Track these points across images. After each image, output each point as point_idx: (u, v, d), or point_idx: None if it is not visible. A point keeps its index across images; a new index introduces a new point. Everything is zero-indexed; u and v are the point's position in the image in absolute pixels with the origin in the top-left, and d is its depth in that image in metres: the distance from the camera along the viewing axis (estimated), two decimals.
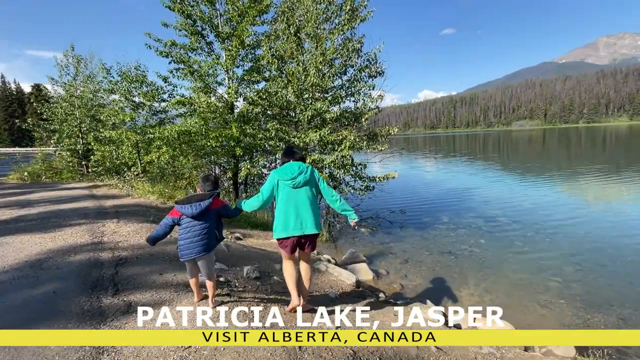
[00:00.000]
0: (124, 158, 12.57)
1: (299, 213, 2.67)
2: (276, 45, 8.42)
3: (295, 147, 2.99)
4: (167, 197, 8.14)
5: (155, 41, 9.24)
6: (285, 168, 2.77)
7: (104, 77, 12.76)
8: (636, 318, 4.29)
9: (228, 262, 4.20)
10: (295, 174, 2.70)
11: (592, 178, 15.41)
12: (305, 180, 2.70)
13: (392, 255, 6.73)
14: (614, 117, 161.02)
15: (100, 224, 5.18)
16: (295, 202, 2.69)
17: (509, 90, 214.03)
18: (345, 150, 7.41)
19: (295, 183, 2.69)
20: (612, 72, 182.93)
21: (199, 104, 9.48)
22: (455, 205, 11.10)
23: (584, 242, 7.12)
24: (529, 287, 5.23)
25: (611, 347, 3.39)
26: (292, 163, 2.80)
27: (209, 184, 2.89)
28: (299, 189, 2.70)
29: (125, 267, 3.41)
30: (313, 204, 2.72)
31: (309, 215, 2.68)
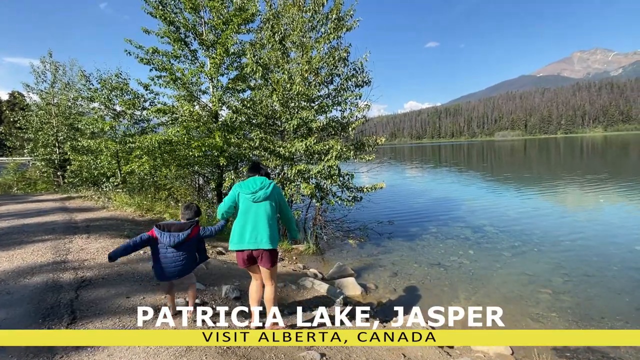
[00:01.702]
0: (103, 168, 12.08)
1: (256, 227, 2.68)
2: (261, 53, 8.27)
3: (262, 164, 3.08)
4: (146, 209, 7.74)
5: (136, 48, 8.96)
6: (248, 182, 2.82)
7: (83, 84, 12.34)
8: (629, 329, 4.20)
9: (206, 281, 3.91)
10: (257, 189, 2.75)
11: (573, 187, 15.76)
12: (265, 195, 2.74)
13: (381, 268, 6.52)
14: (590, 128, 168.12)
15: (67, 240, 4.78)
16: (254, 216, 2.71)
17: (491, 101, 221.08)
18: (332, 160, 7.24)
19: (255, 197, 2.73)
20: (586, 86, 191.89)
21: (181, 112, 9.19)
22: (443, 215, 11.05)
23: (570, 252, 7.11)
24: (519, 300, 5.10)
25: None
26: (256, 178, 2.85)
27: (189, 212, 2.88)
28: (258, 203, 2.73)
29: (87, 290, 3.08)
30: (271, 220, 2.73)
31: (265, 230, 2.67)
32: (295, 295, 4.21)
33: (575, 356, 3.53)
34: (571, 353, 3.59)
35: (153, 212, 7.63)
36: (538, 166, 28.38)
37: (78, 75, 13.04)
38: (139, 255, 4.30)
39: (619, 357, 3.57)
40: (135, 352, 2.06)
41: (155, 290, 3.28)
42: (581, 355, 3.54)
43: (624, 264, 6.29)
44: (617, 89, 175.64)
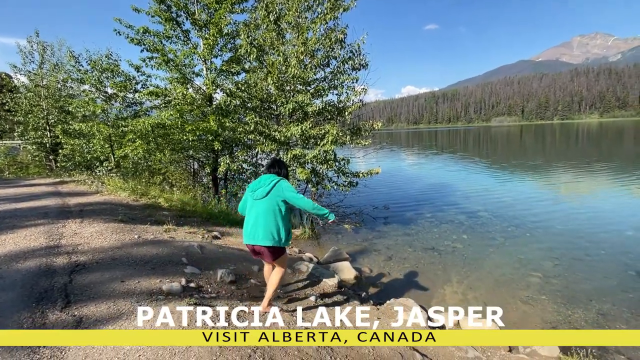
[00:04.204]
0: (96, 152, 11.90)
1: (255, 224, 2.80)
2: (256, 34, 8.04)
3: (279, 161, 3.07)
4: (140, 194, 7.67)
5: (126, 27, 8.65)
6: (255, 180, 2.95)
7: (72, 65, 11.97)
8: (615, 313, 4.32)
9: (201, 265, 3.91)
10: (256, 187, 2.85)
11: (567, 173, 15.89)
12: (263, 194, 2.80)
13: (375, 253, 6.60)
14: (586, 114, 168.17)
15: (61, 224, 4.74)
16: (254, 213, 2.83)
17: (489, 87, 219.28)
18: (328, 145, 7.17)
19: (254, 195, 2.85)
20: (584, 71, 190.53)
21: (174, 95, 8.99)
22: (438, 200, 11.13)
23: (561, 236, 7.23)
24: (510, 283, 5.21)
25: (594, 347, 3.36)
26: (265, 175, 2.93)
27: None
28: (258, 200, 2.82)
29: (81, 275, 3.07)
30: (268, 217, 2.77)
31: (262, 227, 2.76)
32: (291, 278, 4.25)
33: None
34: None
35: (147, 197, 7.57)
36: (533, 153, 28.50)
37: (67, 56, 12.62)
38: (133, 239, 4.28)
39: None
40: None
41: (150, 274, 3.28)
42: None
43: (613, 249, 6.42)
44: (615, 75, 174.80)
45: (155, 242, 4.32)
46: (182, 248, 4.28)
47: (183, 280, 3.28)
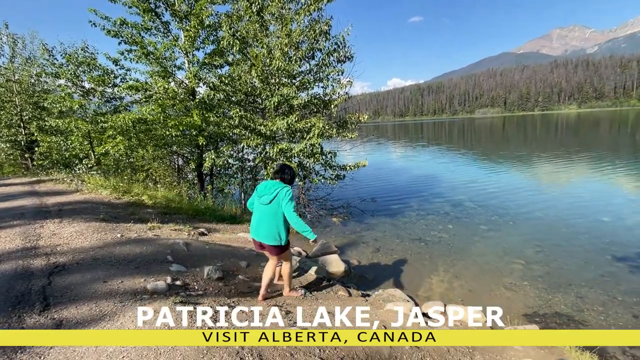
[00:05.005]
0: (75, 149, 11.47)
1: (259, 224, 3.15)
2: (238, 25, 7.85)
3: (282, 168, 3.25)
4: (122, 191, 7.45)
5: (102, 19, 8.29)
6: (263, 184, 3.23)
7: (46, 59, 11.44)
8: (592, 296, 4.51)
9: (187, 263, 3.84)
10: (263, 193, 3.15)
11: (548, 163, 16.38)
12: (267, 200, 3.10)
13: (363, 245, 6.65)
14: (565, 105, 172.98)
15: (38, 224, 4.56)
16: (259, 214, 3.17)
17: (472, 79, 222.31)
18: (315, 138, 7.13)
19: (260, 200, 3.16)
20: (563, 63, 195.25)
21: (156, 89, 8.72)
22: (424, 192, 11.29)
23: (542, 224, 7.46)
24: (495, 271, 5.36)
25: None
26: (271, 182, 3.22)
27: None
28: (263, 205, 3.13)
29: (61, 276, 2.96)
30: (271, 221, 3.09)
31: (265, 228, 3.11)
32: None
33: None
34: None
35: (130, 195, 7.37)
36: (515, 144, 29.20)
37: (40, 49, 12.04)
38: (115, 238, 4.17)
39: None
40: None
41: (133, 274, 3.20)
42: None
43: (590, 234, 6.68)
44: (592, 66, 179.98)
45: (139, 241, 4.22)
46: (167, 246, 4.19)
47: (168, 279, 3.21)
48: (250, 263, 4.33)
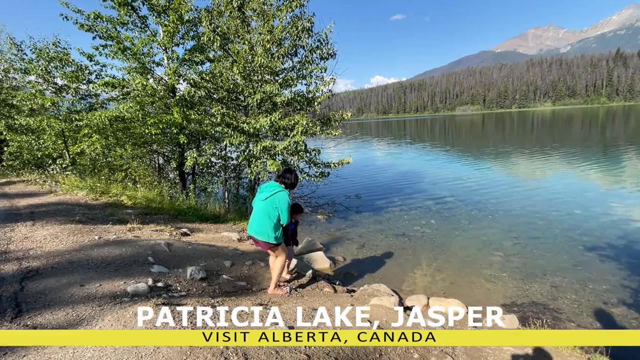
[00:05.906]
0: (47, 149, 10.98)
1: (254, 219, 3.40)
2: (219, 21, 7.69)
3: (285, 172, 3.53)
4: (100, 192, 7.20)
5: (74, 12, 7.94)
6: (265, 185, 3.50)
7: (14, 54, 10.86)
8: (566, 284, 4.72)
9: (169, 264, 3.76)
10: (262, 190, 3.42)
11: (524, 158, 16.98)
12: (264, 197, 3.36)
13: (348, 241, 6.70)
14: (540, 102, 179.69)
15: (8, 228, 4.34)
16: (257, 210, 3.41)
17: (453, 77, 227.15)
18: (298, 135, 7.11)
19: (260, 196, 3.43)
20: (539, 62, 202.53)
21: (134, 86, 8.44)
22: (408, 188, 11.48)
23: (519, 217, 7.74)
24: (475, 263, 5.52)
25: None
26: (272, 182, 3.47)
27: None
28: (261, 201, 3.38)
29: (34, 281, 2.84)
30: (264, 217, 3.32)
31: (259, 224, 3.35)
32: (264, 272, 4.21)
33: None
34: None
35: (108, 195, 7.13)
36: (494, 140, 30.07)
37: (7, 44, 11.42)
38: (93, 240, 4.03)
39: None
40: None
41: (113, 276, 3.10)
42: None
43: (564, 226, 6.98)
44: (565, 65, 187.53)
45: (118, 242, 4.09)
46: (148, 247, 4.08)
47: (150, 280, 3.14)
48: (234, 262, 4.29)
